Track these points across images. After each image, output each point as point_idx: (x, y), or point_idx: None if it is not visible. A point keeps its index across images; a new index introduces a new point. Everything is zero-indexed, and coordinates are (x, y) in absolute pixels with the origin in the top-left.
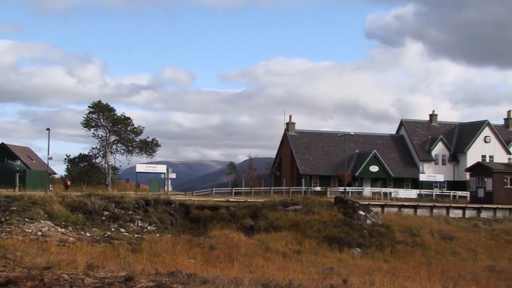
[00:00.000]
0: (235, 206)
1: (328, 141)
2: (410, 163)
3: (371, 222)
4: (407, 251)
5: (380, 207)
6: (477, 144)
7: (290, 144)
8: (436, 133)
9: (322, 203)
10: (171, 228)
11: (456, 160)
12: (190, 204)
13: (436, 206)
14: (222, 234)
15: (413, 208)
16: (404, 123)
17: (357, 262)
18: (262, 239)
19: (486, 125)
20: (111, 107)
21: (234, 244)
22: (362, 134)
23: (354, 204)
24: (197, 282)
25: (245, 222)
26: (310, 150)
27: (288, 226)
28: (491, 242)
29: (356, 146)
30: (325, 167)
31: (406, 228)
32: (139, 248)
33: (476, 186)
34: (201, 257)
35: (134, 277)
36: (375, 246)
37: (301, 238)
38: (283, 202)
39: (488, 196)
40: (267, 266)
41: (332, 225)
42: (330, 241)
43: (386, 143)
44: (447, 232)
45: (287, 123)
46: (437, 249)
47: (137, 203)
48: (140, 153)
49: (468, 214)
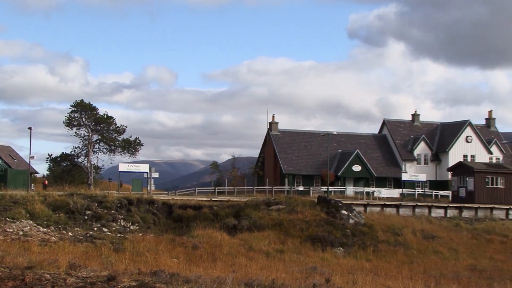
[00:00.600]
0: (218, 206)
1: (311, 140)
2: (392, 162)
3: (354, 222)
4: (389, 250)
5: (362, 206)
6: (458, 144)
7: (273, 143)
8: (418, 133)
9: (305, 203)
10: (154, 227)
11: (438, 159)
12: (173, 204)
13: (418, 205)
14: (205, 233)
15: (395, 207)
16: (386, 122)
17: (339, 261)
18: (245, 239)
19: (468, 125)
20: (93, 106)
21: (217, 244)
22: (345, 134)
23: (337, 204)
24: (180, 282)
25: (228, 222)
26: (293, 149)
27: (271, 225)
28: (472, 241)
29: (339, 146)
30: (308, 167)
31: (388, 227)
32: (122, 248)
33: (458, 186)
34: (184, 257)
35: (116, 277)
36: (358, 245)
37: (284, 237)
38: (266, 202)
39: (470, 196)
40: (250, 265)
41: (315, 225)
42: (313, 241)
43: (368, 142)
44: (429, 232)
45: (270, 122)
46: (419, 248)
47: (120, 202)
48: (123, 152)
49: (450, 213)
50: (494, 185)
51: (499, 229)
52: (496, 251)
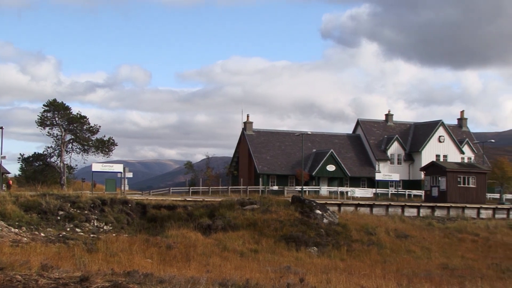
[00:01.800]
0: (193, 206)
1: (286, 140)
2: (366, 162)
3: (328, 221)
4: (363, 250)
5: (336, 206)
6: (431, 144)
7: (248, 143)
8: (392, 133)
9: (280, 202)
10: (127, 227)
11: (411, 159)
12: (147, 204)
13: (392, 205)
14: (179, 233)
15: (369, 207)
16: (360, 122)
17: (314, 260)
18: (219, 238)
19: (440, 125)
20: (66, 106)
21: (191, 244)
22: (319, 134)
23: (311, 203)
24: (154, 282)
25: (203, 222)
26: (267, 149)
27: (246, 225)
28: (444, 240)
29: (313, 146)
30: (282, 166)
31: (362, 227)
32: (95, 248)
33: (431, 185)
34: (158, 257)
35: (89, 277)
36: (332, 245)
37: (258, 237)
38: (241, 201)
39: (442, 195)
40: (224, 265)
41: (289, 224)
42: (287, 240)
43: (342, 142)
44: (402, 231)
45: (245, 122)
46: (393, 248)
47: (93, 202)
48: (96, 152)
49: (422, 212)
50: (466, 184)
51: (471, 228)
52: (468, 250)
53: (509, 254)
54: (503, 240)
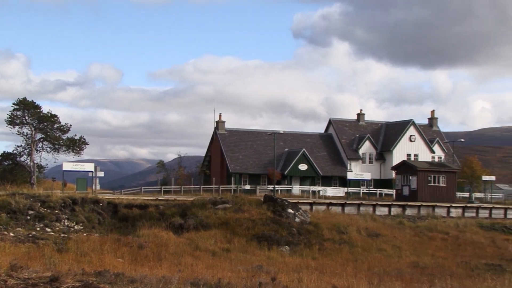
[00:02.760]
0: (164, 205)
1: (258, 139)
2: (338, 161)
3: (300, 220)
4: (334, 249)
5: (308, 205)
6: (402, 143)
7: (220, 142)
8: (364, 132)
9: (252, 202)
10: (98, 227)
11: (383, 158)
12: (118, 203)
13: (363, 204)
14: (151, 233)
15: (341, 206)
16: (332, 122)
17: (285, 259)
18: (191, 238)
19: (411, 125)
20: (36, 104)
21: (163, 243)
22: (291, 133)
23: (283, 202)
24: (125, 282)
25: (175, 221)
26: (239, 148)
27: (218, 224)
28: (415, 238)
29: (285, 145)
30: (254, 166)
31: (334, 225)
32: (65, 248)
33: (402, 184)
34: (129, 256)
35: (59, 278)
36: (304, 243)
37: (230, 236)
38: (213, 201)
39: (413, 194)
40: (196, 264)
41: (261, 223)
42: (259, 239)
43: (315, 141)
44: (374, 230)
45: (217, 121)
46: (364, 246)
47: (64, 202)
48: (67, 151)
49: (393, 211)
50: (436, 183)
51: (441, 227)
52: (438, 248)
53: (478, 252)
54: (472, 239)
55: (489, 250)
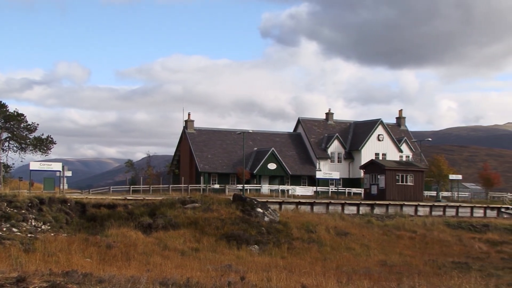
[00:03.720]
0: (133, 204)
1: (227, 138)
2: (307, 160)
3: (269, 219)
4: (303, 248)
5: (278, 204)
6: (371, 142)
7: (189, 141)
8: (332, 132)
9: (221, 201)
10: (66, 227)
11: (351, 157)
12: (86, 203)
13: (332, 203)
14: (120, 232)
15: (309, 205)
16: (301, 121)
17: (255, 259)
18: (160, 237)
19: (379, 124)
20: (2, 103)
21: (131, 243)
22: (260, 132)
23: (252, 202)
24: (93, 282)
25: (143, 220)
26: (209, 147)
27: (187, 224)
28: (383, 237)
29: (255, 144)
30: (223, 165)
31: (303, 224)
32: (32, 248)
33: (370, 183)
34: (98, 256)
35: (26, 278)
36: (273, 243)
37: (199, 235)
38: (182, 200)
39: (381, 193)
40: (165, 264)
41: (231, 223)
42: (228, 239)
43: (284, 141)
44: (342, 228)
45: (186, 120)
46: (333, 245)
47: (31, 202)
48: (34, 150)
49: (362, 210)
50: (404, 182)
51: (408, 225)
52: (405, 247)
53: (445, 250)
54: (439, 237)
55: (456, 248)
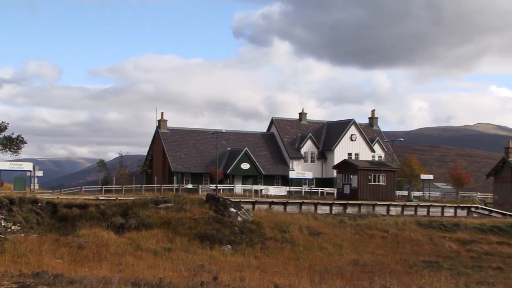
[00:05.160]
0: (105, 204)
1: (200, 138)
2: (280, 160)
3: (242, 219)
4: (276, 247)
5: (251, 204)
6: (343, 142)
7: (162, 141)
8: (305, 131)
9: (194, 201)
10: (37, 227)
11: (324, 157)
12: (57, 203)
13: (305, 202)
14: (91, 232)
15: (283, 205)
16: (274, 121)
17: (228, 259)
18: (132, 237)
19: (352, 124)
20: None
21: (103, 243)
22: (234, 132)
23: (226, 202)
24: (64, 283)
25: (116, 220)
26: (182, 147)
27: (159, 224)
28: (355, 237)
29: (228, 144)
30: (196, 165)
31: (276, 224)
32: (2, 249)
33: (343, 183)
34: (69, 257)
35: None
36: (246, 242)
37: (172, 235)
38: (155, 200)
39: (354, 193)
40: (137, 264)
41: (204, 223)
42: (201, 239)
43: (257, 140)
44: (315, 228)
45: (159, 120)
46: (305, 245)
47: (0, 202)
48: (4, 150)
49: (335, 210)
50: (376, 182)
51: (380, 225)
52: (377, 246)
53: (416, 249)
54: (410, 236)
55: (427, 248)
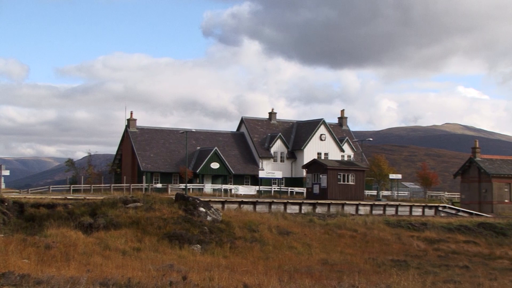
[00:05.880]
0: (74, 204)
1: (170, 138)
2: (250, 160)
3: (212, 219)
4: (246, 247)
5: (220, 203)
6: (313, 142)
7: (131, 140)
8: (275, 131)
9: (163, 200)
10: (3, 227)
11: (294, 157)
12: (25, 202)
13: (275, 202)
14: (59, 232)
15: (252, 204)
16: (244, 120)
17: (197, 258)
18: (101, 237)
19: (322, 124)
20: None
21: (71, 243)
22: (204, 131)
23: (195, 201)
24: (31, 283)
25: (84, 220)
26: (151, 146)
27: (128, 223)
28: (325, 236)
29: (197, 143)
30: (166, 164)
31: (245, 224)
32: None
33: (312, 183)
34: (36, 257)
35: None
36: (215, 242)
37: (141, 235)
38: (124, 200)
39: (323, 192)
40: (105, 264)
41: (173, 222)
42: (170, 238)
43: (227, 140)
44: (285, 228)
45: (128, 119)
46: (275, 244)
47: None
48: None
49: (304, 209)
50: (345, 181)
51: (349, 224)
52: (346, 245)
53: (384, 248)
54: (379, 236)
55: (395, 247)
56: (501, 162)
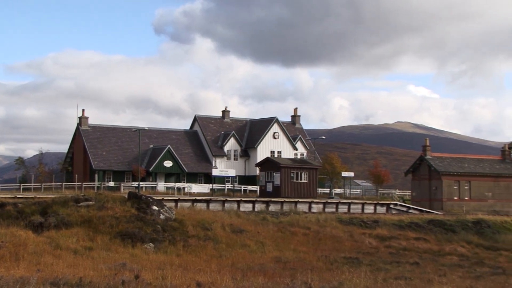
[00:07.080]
0: (23, 203)
1: (122, 136)
2: (203, 158)
3: (165, 217)
4: (199, 245)
5: (174, 202)
6: (266, 140)
7: (83, 138)
8: (229, 129)
9: (115, 199)
10: None
11: (247, 155)
12: None
13: (228, 200)
14: (8, 232)
15: (205, 202)
16: (197, 118)
17: (150, 257)
18: (52, 236)
19: (275, 122)
20: None
21: (21, 243)
22: (156, 129)
23: (148, 199)
24: None
25: (34, 219)
26: (103, 145)
27: (80, 222)
28: (278, 234)
29: (150, 141)
30: (118, 162)
31: (199, 222)
32: None
33: (266, 181)
34: None
35: None
36: (168, 240)
37: (93, 234)
38: (75, 198)
39: (276, 190)
40: (56, 264)
41: (125, 221)
42: (123, 237)
43: (180, 138)
44: (238, 226)
45: (80, 117)
46: (228, 242)
47: None
48: None
49: (257, 207)
50: (298, 179)
51: (302, 222)
52: (299, 243)
53: (337, 246)
54: (332, 233)
55: (348, 244)
56: (451, 160)
